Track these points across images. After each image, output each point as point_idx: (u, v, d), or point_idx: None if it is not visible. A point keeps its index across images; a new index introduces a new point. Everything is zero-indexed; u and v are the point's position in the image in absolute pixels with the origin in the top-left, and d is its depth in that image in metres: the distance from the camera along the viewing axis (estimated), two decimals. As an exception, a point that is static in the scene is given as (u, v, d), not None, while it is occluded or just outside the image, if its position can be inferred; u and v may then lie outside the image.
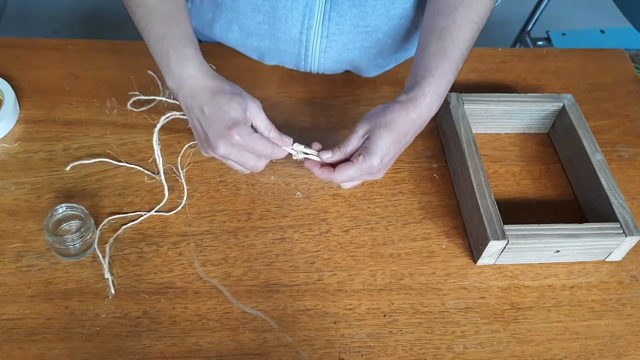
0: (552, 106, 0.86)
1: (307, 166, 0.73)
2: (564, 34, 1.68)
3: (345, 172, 0.70)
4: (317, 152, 0.72)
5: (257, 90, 0.89)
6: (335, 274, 0.72)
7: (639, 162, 0.88)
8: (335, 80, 0.94)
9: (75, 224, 0.72)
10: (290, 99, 0.91)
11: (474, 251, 0.75)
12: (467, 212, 0.77)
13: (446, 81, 0.73)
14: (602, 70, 1.01)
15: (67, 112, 0.85)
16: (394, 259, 0.74)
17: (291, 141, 0.72)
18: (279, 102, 0.89)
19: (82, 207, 0.71)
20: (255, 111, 0.69)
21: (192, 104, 0.68)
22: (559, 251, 0.74)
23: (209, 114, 0.67)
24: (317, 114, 0.89)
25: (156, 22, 0.70)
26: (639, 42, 1.58)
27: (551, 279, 0.75)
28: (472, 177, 0.76)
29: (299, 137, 0.73)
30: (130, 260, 0.71)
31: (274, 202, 0.78)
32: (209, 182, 0.79)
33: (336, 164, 0.71)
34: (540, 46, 1.70)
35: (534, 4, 1.68)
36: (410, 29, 0.88)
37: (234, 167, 0.72)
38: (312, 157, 0.72)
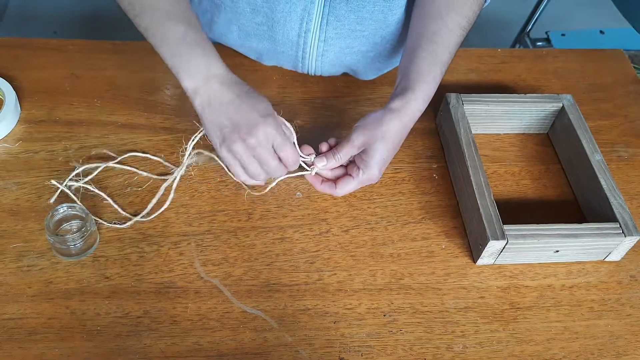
0: (552, 106, 0.87)
1: (310, 181, 0.77)
2: (563, 35, 1.68)
3: (346, 186, 0.74)
4: (308, 156, 0.74)
5: (257, 90, 0.89)
6: (335, 274, 0.73)
7: (638, 162, 0.88)
8: (334, 80, 0.94)
9: (76, 224, 0.73)
10: (290, 99, 0.91)
11: (474, 251, 0.75)
12: (467, 212, 0.77)
13: (436, 84, 0.75)
14: (601, 70, 1.01)
15: (68, 112, 0.86)
16: (393, 259, 0.74)
17: (311, 150, 0.75)
18: (279, 102, 0.90)
19: (83, 207, 0.71)
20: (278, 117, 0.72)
21: (221, 96, 0.69)
22: (558, 251, 0.74)
23: (246, 103, 0.69)
24: (317, 114, 0.89)
25: (172, 23, 0.71)
26: (638, 42, 1.58)
27: (550, 278, 0.75)
28: (472, 177, 0.76)
29: (299, 137, 0.74)
30: (131, 259, 0.72)
31: (274, 202, 0.78)
32: (210, 182, 0.80)
33: (336, 179, 0.75)
34: (539, 47, 1.70)
35: (534, 4, 1.68)
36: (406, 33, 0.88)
37: (237, 171, 0.71)
38: (304, 166, 0.75)
